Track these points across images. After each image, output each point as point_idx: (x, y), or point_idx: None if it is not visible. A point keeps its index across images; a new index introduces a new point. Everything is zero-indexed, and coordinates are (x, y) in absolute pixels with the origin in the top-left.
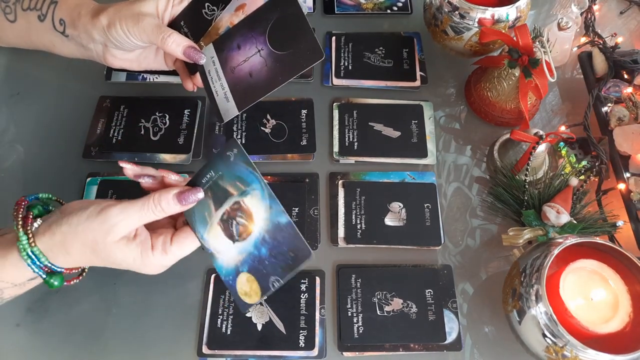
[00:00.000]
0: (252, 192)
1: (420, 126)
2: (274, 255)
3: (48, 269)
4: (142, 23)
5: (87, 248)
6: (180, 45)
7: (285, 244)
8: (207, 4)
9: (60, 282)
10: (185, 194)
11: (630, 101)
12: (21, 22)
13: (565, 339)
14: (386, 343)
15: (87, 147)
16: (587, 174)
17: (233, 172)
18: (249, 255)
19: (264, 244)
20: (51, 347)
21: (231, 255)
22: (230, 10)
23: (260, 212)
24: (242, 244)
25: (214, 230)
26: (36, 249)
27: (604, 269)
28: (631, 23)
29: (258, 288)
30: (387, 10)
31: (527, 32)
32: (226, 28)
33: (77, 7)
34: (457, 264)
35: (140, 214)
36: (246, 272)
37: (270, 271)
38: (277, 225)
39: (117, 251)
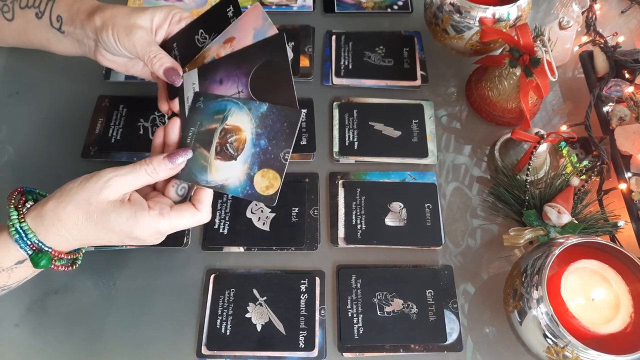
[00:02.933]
0: (230, 113)
1: (420, 126)
2: (272, 138)
3: (35, 247)
4: (133, 36)
5: (80, 210)
6: (163, 65)
7: (277, 122)
8: (200, 30)
9: (47, 262)
10: (174, 154)
11: (631, 100)
12: (19, 20)
13: (567, 340)
14: (386, 344)
15: (85, 146)
16: (588, 173)
17: (208, 113)
18: (252, 157)
19: (260, 138)
20: (50, 347)
21: (238, 171)
22: (220, 41)
23: (244, 119)
24: (242, 154)
25: (214, 167)
26: (25, 225)
27: (605, 269)
28: (632, 22)
29: (275, 173)
30: (387, 9)
31: (528, 31)
32: (212, 58)
33: (76, 3)
34: (457, 264)
35: (132, 174)
36: (257, 170)
37: (277, 150)
38: (262, 115)
39: (110, 210)
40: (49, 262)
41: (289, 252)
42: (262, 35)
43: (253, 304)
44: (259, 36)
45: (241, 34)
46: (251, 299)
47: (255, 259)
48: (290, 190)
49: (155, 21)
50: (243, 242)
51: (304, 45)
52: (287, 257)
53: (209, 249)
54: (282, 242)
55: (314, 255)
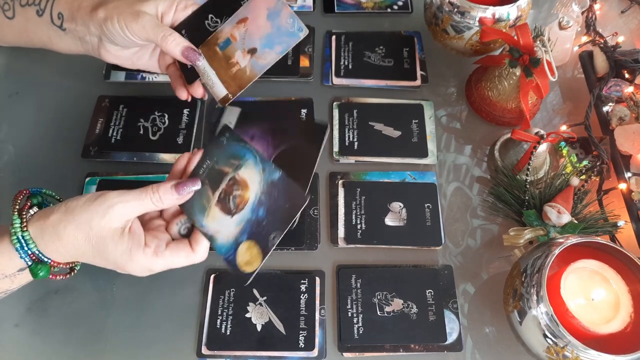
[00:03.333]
0: (245, 163)
1: (420, 126)
2: (271, 212)
3: (36, 257)
4: (142, 20)
5: (80, 232)
6: (180, 45)
7: (281, 197)
8: (210, 15)
9: (45, 272)
10: (183, 184)
11: (631, 101)
12: (19, 18)
13: (566, 340)
14: (386, 344)
15: (86, 146)
16: (588, 173)
17: (226, 153)
18: (247, 223)
19: (260, 206)
20: (50, 347)
21: (230, 229)
22: (232, 22)
23: (254, 177)
24: (239, 214)
25: (212, 213)
26: (27, 234)
27: (605, 269)
28: (632, 22)
29: (259, 251)
30: (387, 9)
31: (528, 31)
32: (226, 39)
33: (76, 0)
34: (457, 264)
35: (137, 201)
36: (245, 240)
37: (270, 228)
38: (272, 182)
39: (109, 239)
40: (48, 273)
41: (289, 252)
42: (276, 14)
43: (253, 303)
44: (273, 16)
45: (254, 14)
46: (251, 299)
47: None
48: None
49: (160, 8)
50: None
51: (304, 45)
52: (287, 257)
53: (209, 249)
54: (282, 242)
55: (314, 255)
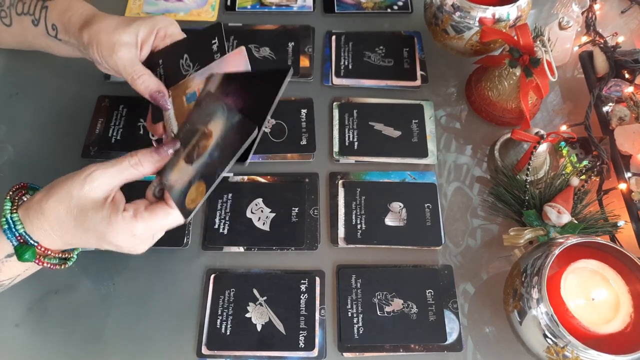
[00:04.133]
0: (215, 118)
1: (420, 126)
2: (222, 149)
3: (22, 239)
4: (116, 55)
5: (61, 204)
6: (148, 88)
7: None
8: (185, 55)
9: (31, 255)
10: (161, 147)
11: (631, 101)
12: (16, 26)
13: (566, 340)
14: (386, 344)
15: (86, 146)
16: (588, 173)
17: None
18: (201, 166)
19: (216, 149)
20: (50, 347)
21: (186, 176)
22: (202, 76)
23: (219, 125)
24: (198, 161)
25: (178, 166)
26: (15, 216)
27: (605, 269)
28: (632, 22)
29: (204, 188)
30: (387, 10)
31: (528, 32)
32: (193, 93)
33: (67, 13)
34: (457, 264)
35: (116, 167)
36: (197, 181)
37: (217, 164)
38: (231, 125)
39: (89, 208)
40: (33, 256)
41: (289, 252)
42: None
43: (253, 303)
44: None
45: None
46: (251, 299)
47: (255, 259)
48: (290, 190)
49: (140, 35)
50: (243, 242)
51: (304, 46)
52: (287, 257)
53: (209, 249)
54: (282, 242)
55: (314, 255)
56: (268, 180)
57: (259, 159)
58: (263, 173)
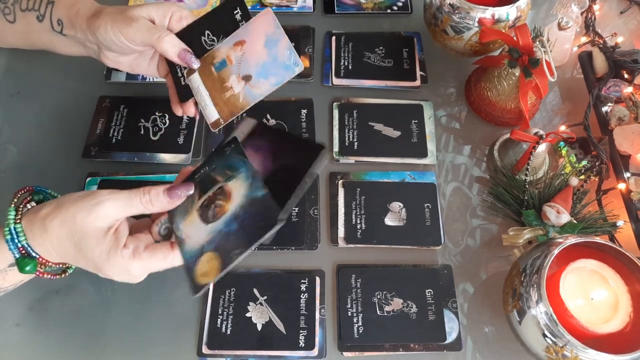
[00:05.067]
0: (237, 176)
1: (420, 126)
2: (242, 227)
3: (25, 250)
4: (136, 24)
5: (64, 227)
6: (176, 46)
7: (258, 215)
8: (207, 32)
9: (32, 268)
10: (175, 188)
11: (630, 101)
12: (20, 22)
13: (566, 339)
14: (386, 343)
15: (87, 147)
16: (587, 173)
17: (225, 163)
18: (217, 234)
19: (235, 220)
20: (51, 347)
21: (200, 237)
22: (229, 43)
23: (240, 190)
24: (214, 224)
25: (190, 217)
26: (19, 226)
27: (604, 269)
28: (631, 23)
29: (218, 265)
30: (387, 10)
31: (527, 32)
32: (222, 60)
33: (74, 6)
34: (457, 263)
35: (127, 200)
36: (210, 250)
37: (236, 244)
38: (253, 199)
39: (91, 237)
40: (34, 269)
41: (289, 252)
42: (273, 43)
43: (253, 303)
44: (271, 44)
45: (252, 38)
46: (251, 299)
47: (255, 259)
48: None
49: (152, 15)
50: None
51: (304, 46)
52: (287, 257)
53: None
54: (282, 241)
55: (314, 255)
56: None
57: None
58: None
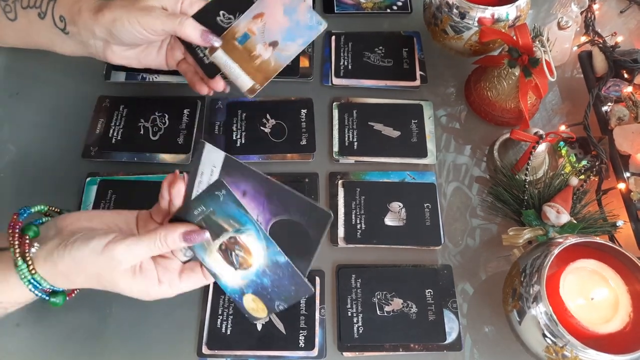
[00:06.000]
0: (247, 232)
1: (420, 126)
2: (276, 286)
3: (51, 290)
4: (153, 12)
5: (92, 279)
6: (197, 29)
7: (286, 279)
8: (222, 12)
9: (62, 299)
10: (192, 234)
11: (630, 100)
12: (21, 20)
13: (566, 339)
14: (386, 343)
15: (86, 147)
16: (587, 173)
17: (224, 210)
18: (252, 282)
19: (265, 276)
20: (51, 347)
21: (234, 278)
22: (248, 18)
23: (258, 249)
24: (244, 272)
25: (213, 256)
26: (37, 276)
27: (604, 269)
28: (631, 22)
29: (264, 307)
30: (386, 10)
31: (527, 32)
32: (244, 34)
33: (77, 3)
34: (457, 263)
35: (146, 251)
36: (251, 293)
37: (275, 297)
38: (276, 263)
39: (122, 281)
40: (65, 299)
41: None
42: (292, 10)
43: None
44: (290, 12)
45: (270, 10)
46: None
47: None
48: None
49: (165, 3)
50: None
51: None
52: None
53: None
54: None
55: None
56: None
57: (258, 159)
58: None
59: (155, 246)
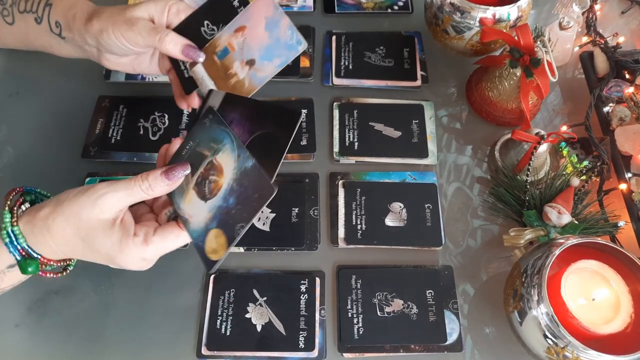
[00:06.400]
0: (223, 148)
1: (421, 126)
2: (240, 201)
3: (25, 252)
4: (136, 26)
5: (70, 225)
6: (179, 44)
7: (251, 187)
8: (206, 22)
9: (35, 268)
10: (172, 169)
11: (631, 101)
12: (19, 24)
13: (567, 340)
14: (386, 344)
15: (86, 146)
16: (588, 174)
17: (208, 135)
18: (217, 210)
19: (231, 194)
20: (50, 347)
21: (202, 215)
22: (230, 30)
23: (229, 163)
24: (212, 200)
25: (189, 196)
26: (17, 229)
27: (605, 270)
28: (632, 23)
29: (225, 241)
30: (387, 10)
31: (529, 32)
32: (224, 48)
33: (72, 9)
34: (457, 264)
35: (127, 190)
36: (215, 227)
37: (237, 218)
38: (244, 171)
39: (99, 230)
40: (37, 269)
41: (289, 253)
42: (274, 24)
43: (253, 304)
44: (271, 26)
45: (252, 23)
46: (251, 299)
47: (255, 259)
48: (290, 191)
49: (151, 12)
50: (243, 242)
51: None
52: (287, 258)
53: None
54: (282, 242)
55: (314, 256)
56: None
57: None
58: None
59: (135, 183)
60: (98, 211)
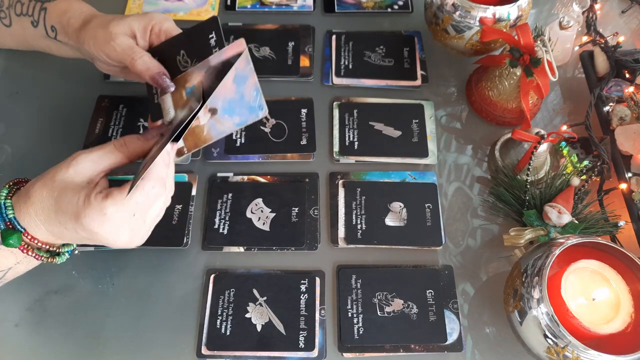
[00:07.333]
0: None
1: (421, 126)
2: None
3: (11, 224)
4: (114, 41)
5: (45, 188)
6: (150, 69)
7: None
8: (182, 52)
9: (16, 241)
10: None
11: (632, 100)
12: (16, 26)
13: (567, 340)
14: (386, 344)
15: (85, 146)
16: (588, 173)
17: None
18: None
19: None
20: (50, 347)
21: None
22: (201, 70)
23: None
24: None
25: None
26: (8, 202)
27: (605, 269)
28: (633, 22)
29: None
30: (387, 9)
31: (529, 31)
32: (192, 86)
33: (66, 14)
34: (458, 264)
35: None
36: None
37: None
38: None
39: (69, 190)
40: (18, 242)
41: (289, 252)
42: (242, 79)
43: (253, 304)
44: (239, 80)
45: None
46: (251, 299)
47: (255, 259)
48: (290, 190)
49: (134, 28)
50: (243, 242)
51: (304, 45)
52: (287, 257)
53: (209, 249)
54: (282, 242)
55: (314, 256)
56: (268, 180)
57: (258, 158)
58: (263, 173)
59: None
60: (72, 172)
